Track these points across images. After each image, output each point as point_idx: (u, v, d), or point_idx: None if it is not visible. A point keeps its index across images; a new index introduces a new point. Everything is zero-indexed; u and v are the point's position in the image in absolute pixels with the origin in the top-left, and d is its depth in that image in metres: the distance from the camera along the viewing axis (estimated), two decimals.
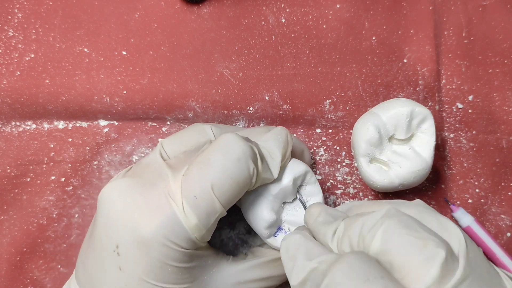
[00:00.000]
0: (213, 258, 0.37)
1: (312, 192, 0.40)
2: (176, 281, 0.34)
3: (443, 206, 0.47)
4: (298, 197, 0.40)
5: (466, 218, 0.45)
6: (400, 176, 0.41)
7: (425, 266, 0.27)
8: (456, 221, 0.46)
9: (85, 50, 0.47)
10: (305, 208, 0.39)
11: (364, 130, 0.41)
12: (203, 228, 0.34)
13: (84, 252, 0.37)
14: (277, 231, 0.40)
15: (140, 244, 0.33)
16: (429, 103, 0.48)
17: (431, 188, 0.47)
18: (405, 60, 0.48)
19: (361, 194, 0.47)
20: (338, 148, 0.48)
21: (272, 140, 0.39)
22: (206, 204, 0.34)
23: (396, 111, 0.41)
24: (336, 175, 0.47)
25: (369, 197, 0.47)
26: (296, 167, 0.39)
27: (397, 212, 0.30)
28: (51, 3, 0.47)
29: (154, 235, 0.33)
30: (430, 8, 0.49)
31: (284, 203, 0.40)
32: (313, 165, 0.47)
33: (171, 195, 0.34)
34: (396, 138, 0.42)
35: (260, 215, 0.38)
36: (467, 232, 0.45)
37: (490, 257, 0.45)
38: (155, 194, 0.35)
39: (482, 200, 0.47)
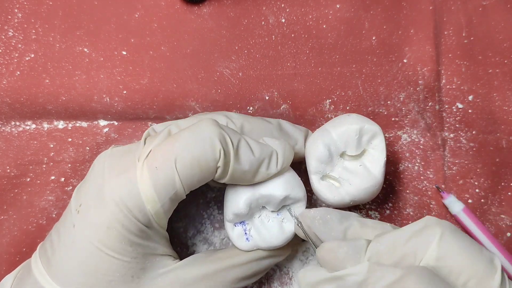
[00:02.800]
0: (162, 250, 0.37)
1: (291, 219, 0.40)
2: (118, 249, 0.34)
3: (443, 206, 0.47)
4: (292, 214, 0.40)
5: (456, 205, 0.46)
6: (350, 193, 0.41)
7: (489, 271, 0.28)
8: (446, 208, 0.47)
9: (85, 50, 0.47)
10: (297, 221, 0.39)
11: (314, 148, 0.41)
12: (157, 201, 0.34)
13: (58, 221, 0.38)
14: (240, 223, 0.40)
15: (97, 202, 0.34)
16: (429, 103, 0.48)
17: (431, 188, 0.47)
18: (405, 60, 0.48)
19: None
20: None
21: (279, 144, 0.39)
22: (165, 176, 0.34)
23: (345, 128, 0.41)
24: None
25: None
26: (296, 189, 0.39)
27: (438, 221, 0.31)
28: (51, 3, 0.47)
29: (111, 194, 0.34)
30: (430, 8, 0.49)
31: (263, 208, 0.40)
32: None
33: (138, 163, 0.35)
34: (348, 155, 0.42)
35: (237, 201, 0.38)
36: (457, 219, 0.46)
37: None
38: (127, 160, 0.35)
39: (482, 200, 0.47)
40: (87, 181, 0.36)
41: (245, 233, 0.40)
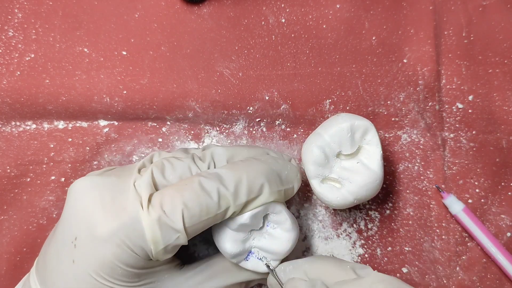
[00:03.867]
0: (166, 266, 0.38)
1: (278, 220, 0.40)
2: (124, 282, 0.35)
3: (443, 206, 0.47)
4: (266, 264, 0.40)
5: (456, 205, 0.46)
6: (352, 191, 0.41)
7: None
8: (446, 208, 0.47)
9: (85, 50, 0.47)
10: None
11: (309, 152, 0.41)
12: (161, 244, 0.34)
13: (47, 243, 0.37)
14: (248, 255, 0.40)
15: (97, 240, 0.34)
16: (429, 103, 0.48)
17: (431, 188, 0.47)
18: (405, 60, 0.48)
19: None
20: None
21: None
22: (171, 223, 0.34)
23: (336, 128, 0.41)
24: None
25: None
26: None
27: (386, 278, 0.34)
28: (51, 3, 0.47)
29: (112, 234, 0.34)
30: (430, 8, 0.49)
31: (252, 230, 0.40)
32: None
33: (142, 202, 0.35)
34: (344, 154, 0.42)
35: (224, 248, 0.39)
36: (457, 219, 0.46)
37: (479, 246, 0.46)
38: (122, 195, 0.35)
39: (482, 200, 0.47)
40: (77, 212, 0.36)
41: (258, 259, 0.40)
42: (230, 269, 0.41)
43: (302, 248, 0.47)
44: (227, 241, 0.38)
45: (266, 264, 0.40)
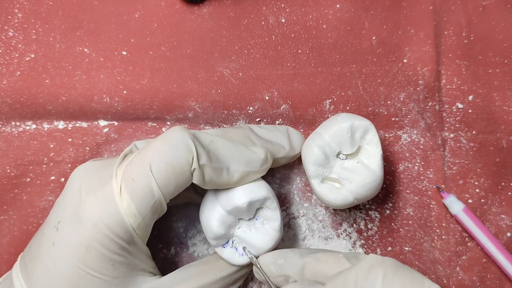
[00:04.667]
0: (144, 267, 0.37)
1: (270, 217, 0.40)
2: (99, 269, 0.34)
3: (443, 206, 0.47)
4: (249, 256, 0.40)
5: (456, 205, 0.46)
6: (352, 191, 0.41)
7: None
8: (446, 208, 0.47)
9: (85, 50, 0.47)
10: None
11: (309, 152, 0.41)
12: (137, 214, 0.34)
13: (38, 230, 0.38)
14: (227, 243, 0.40)
15: (75, 220, 0.34)
16: (429, 103, 0.48)
17: (431, 188, 0.47)
18: (405, 60, 0.48)
19: None
20: None
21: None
22: (142, 186, 0.34)
23: (336, 128, 0.41)
24: None
25: None
26: (256, 191, 0.39)
27: (381, 261, 0.33)
28: (51, 3, 0.47)
29: (89, 213, 0.34)
30: (430, 8, 0.49)
31: (240, 219, 0.40)
32: None
33: (116, 178, 0.35)
34: (344, 154, 0.42)
35: (210, 225, 0.38)
36: (457, 219, 0.46)
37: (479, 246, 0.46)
38: (104, 176, 0.35)
39: (482, 200, 0.47)
40: (65, 197, 0.36)
41: (236, 249, 0.40)
42: (207, 269, 0.40)
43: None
44: (216, 219, 0.38)
45: (247, 251, 0.39)
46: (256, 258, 0.39)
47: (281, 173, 0.47)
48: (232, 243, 0.40)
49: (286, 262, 0.38)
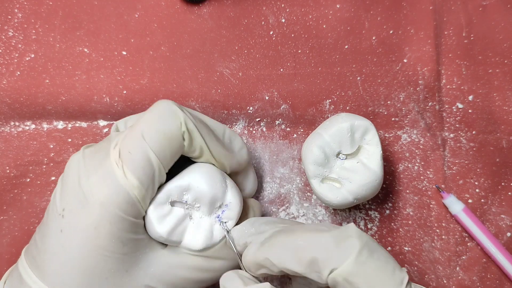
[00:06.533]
0: (148, 240, 0.37)
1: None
2: (110, 247, 0.34)
3: (443, 206, 0.47)
4: (224, 227, 0.38)
5: (456, 205, 0.46)
6: (352, 191, 0.41)
7: None
8: (446, 208, 0.47)
9: (85, 50, 0.47)
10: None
11: (309, 152, 0.41)
12: (140, 185, 0.34)
13: (38, 227, 0.37)
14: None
15: (80, 204, 0.34)
16: (429, 103, 0.48)
17: (431, 188, 0.47)
18: (405, 60, 0.48)
19: None
20: None
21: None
22: (140, 157, 0.34)
23: (336, 128, 0.41)
24: None
25: None
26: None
27: (359, 235, 0.31)
28: (51, 3, 0.47)
29: (94, 194, 0.34)
30: (430, 8, 0.49)
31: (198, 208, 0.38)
32: None
33: (112, 155, 0.35)
34: (344, 154, 0.42)
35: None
36: (457, 219, 0.46)
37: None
38: (100, 157, 0.35)
39: (482, 200, 0.47)
40: (65, 185, 0.36)
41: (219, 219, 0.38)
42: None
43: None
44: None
45: (224, 226, 0.38)
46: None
47: (281, 173, 0.47)
48: (219, 220, 0.38)
49: (256, 247, 0.35)
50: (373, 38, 0.49)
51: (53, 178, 0.46)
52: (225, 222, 0.38)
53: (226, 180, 0.38)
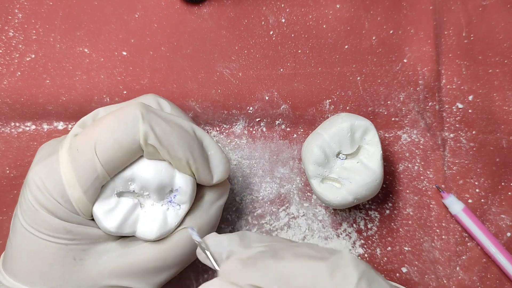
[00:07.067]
0: (100, 231, 0.36)
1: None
2: (51, 233, 0.34)
3: (443, 206, 0.47)
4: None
5: (456, 205, 0.46)
6: (352, 191, 0.41)
7: None
8: (446, 208, 0.47)
9: (86, 50, 0.47)
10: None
11: (309, 152, 0.42)
12: (78, 186, 0.33)
13: None
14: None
15: (25, 186, 0.34)
16: (429, 103, 0.48)
17: (431, 188, 0.47)
18: (405, 60, 0.48)
19: None
20: None
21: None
22: (85, 159, 0.33)
23: (336, 128, 0.41)
24: None
25: None
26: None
27: (355, 264, 0.28)
28: (51, 3, 0.47)
29: (33, 176, 0.34)
30: (430, 8, 0.49)
31: (148, 196, 0.37)
32: None
33: (62, 145, 0.35)
34: (344, 154, 0.42)
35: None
36: (457, 219, 0.46)
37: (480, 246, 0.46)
38: (56, 146, 0.36)
39: (482, 200, 0.47)
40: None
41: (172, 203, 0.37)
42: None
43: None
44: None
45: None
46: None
47: (281, 173, 0.48)
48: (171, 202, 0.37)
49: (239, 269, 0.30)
50: (373, 38, 0.49)
51: None
52: (179, 208, 0.37)
53: None
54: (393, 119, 0.48)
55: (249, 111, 0.48)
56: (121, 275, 0.36)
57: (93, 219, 0.36)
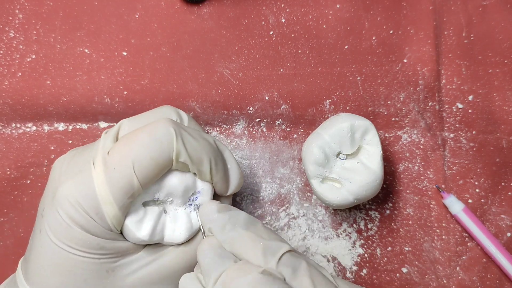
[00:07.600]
0: (128, 242, 0.36)
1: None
2: (85, 249, 0.34)
3: (443, 206, 0.47)
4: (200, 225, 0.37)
5: (456, 205, 0.46)
6: (352, 191, 0.41)
7: None
8: (446, 208, 0.47)
9: (86, 51, 0.47)
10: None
11: (309, 152, 0.42)
12: (113, 203, 0.33)
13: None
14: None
15: (55, 203, 0.34)
16: (429, 103, 0.48)
17: (431, 188, 0.47)
18: (405, 60, 0.48)
19: None
20: None
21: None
22: (122, 177, 0.33)
23: (337, 128, 0.41)
24: None
25: None
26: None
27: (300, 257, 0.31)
28: (51, 3, 0.47)
29: (65, 194, 0.33)
30: (430, 8, 0.49)
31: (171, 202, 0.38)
32: None
33: (95, 161, 0.34)
34: (344, 154, 0.42)
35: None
36: (457, 219, 0.46)
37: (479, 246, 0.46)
38: (83, 160, 0.35)
39: (482, 200, 0.47)
40: (47, 186, 0.36)
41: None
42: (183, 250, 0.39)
43: (302, 248, 0.47)
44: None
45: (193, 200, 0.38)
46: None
47: (281, 173, 0.48)
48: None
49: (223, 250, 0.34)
50: (373, 38, 0.49)
51: None
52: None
53: None
54: (393, 119, 0.48)
55: (249, 111, 0.48)
56: (152, 281, 0.37)
57: (121, 233, 0.36)
